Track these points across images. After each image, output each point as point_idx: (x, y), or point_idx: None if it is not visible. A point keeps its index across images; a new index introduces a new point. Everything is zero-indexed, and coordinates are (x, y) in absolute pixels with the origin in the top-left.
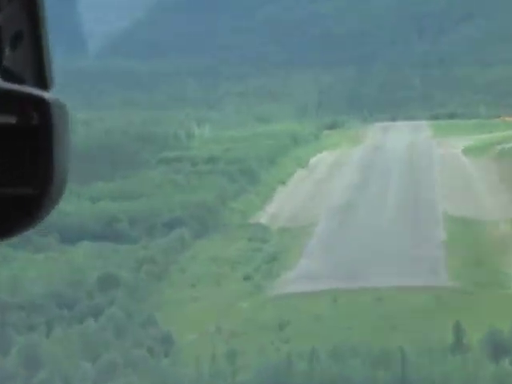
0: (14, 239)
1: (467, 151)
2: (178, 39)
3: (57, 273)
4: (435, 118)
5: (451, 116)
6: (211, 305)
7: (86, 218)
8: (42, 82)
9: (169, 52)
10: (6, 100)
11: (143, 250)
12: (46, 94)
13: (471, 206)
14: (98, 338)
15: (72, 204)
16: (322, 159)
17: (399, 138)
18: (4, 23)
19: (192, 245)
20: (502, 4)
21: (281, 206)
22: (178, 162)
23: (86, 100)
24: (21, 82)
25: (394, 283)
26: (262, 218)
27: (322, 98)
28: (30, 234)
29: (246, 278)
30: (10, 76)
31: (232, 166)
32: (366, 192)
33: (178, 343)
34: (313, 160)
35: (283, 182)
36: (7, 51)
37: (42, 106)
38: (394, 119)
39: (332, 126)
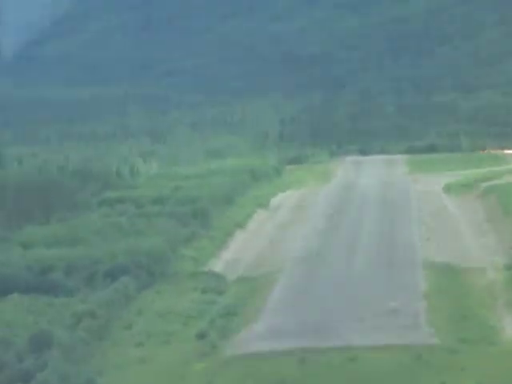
0: None
1: (449, 189)
2: (120, 62)
3: None
4: (412, 151)
5: (430, 149)
6: (160, 367)
7: (17, 267)
8: None
9: (110, 77)
10: None
11: (81, 303)
12: None
13: (455, 250)
14: None
15: (0, 251)
16: (284, 199)
17: (372, 174)
18: None
19: (138, 297)
20: (485, 24)
21: (238, 252)
22: (121, 203)
23: (17, 133)
24: None
25: (369, 341)
26: (217, 266)
27: (283, 129)
28: None
29: (200, 335)
30: None
31: (182, 207)
32: (335, 237)
33: None
34: (274, 200)
35: (241, 226)
36: None
37: None
38: (365, 153)
39: (296, 161)
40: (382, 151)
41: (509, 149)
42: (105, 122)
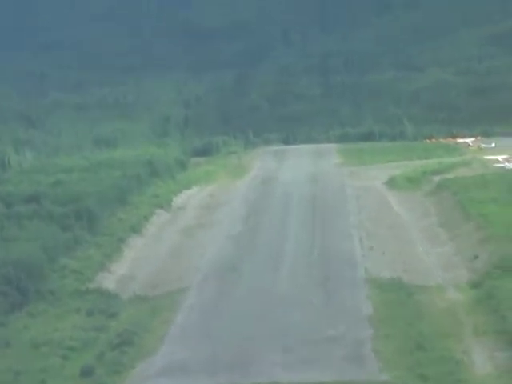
0: None
1: (393, 184)
2: None
3: None
4: (345, 139)
5: (366, 137)
6: None
7: None
8: None
9: None
10: None
11: None
12: None
13: (405, 263)
14: None
15: None
16: (190, 198)
17: (297, 167)
18: None
19: (5, 322)
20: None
21: (134, 264)
22: None
23: None
24: None
25: (300, 378)
26: (108, 281)
27: (188, 113)
28: None
29: (85, 373)
30: None
31: (63, 207)
32: (253, 246)
33: None
34: (177, 199)
35: (136, 230)
36: None
37: None
38: (288, 142)
39: (204, 151)
40: (309, 140)
41: (460, 137)
42: None
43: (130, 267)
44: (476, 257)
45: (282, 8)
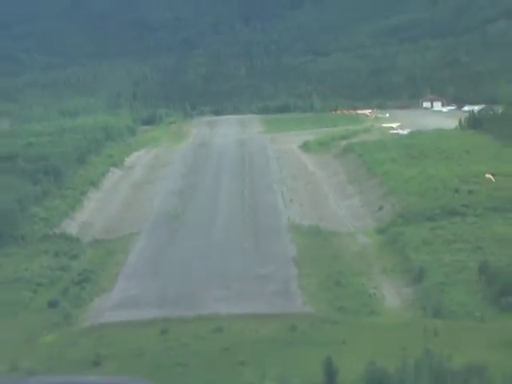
0: None
1: (306, 148)
2: None
3: None
4: (265, 111)
5: (282, 109)
6: (6, 343)
7: None
8: None
9: None
10: None
11: None
12: None
13: (321, 213)
14: None
15: None
16: (139, 158)
17: (227, 133)
18: None
19: None
20: None
21: (93, 212)
22: None
23: None
24: None
25: (237, 310)
26: (71, 227)
27: (136, 90)
28: None
29: (52, 304)
30: None
31: (34, 165)
32: (193, 198)
33: None
34: (129, 159)
35: (95, 185)
36: None
37: None
38: (219, 113)
39: (150, 121)
40: (236, 112)
41: (360, 109)
42: None
43: (90, 215)
44: (381, 207)
45: (212, 4)
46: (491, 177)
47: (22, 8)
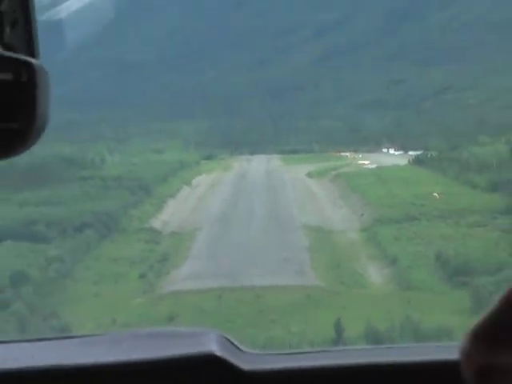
0: None
1: (309, 175)
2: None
3: None
4: (282, 152)
5: (293, 152)
6: (110, 301)
7: (12, 220)
8: (32, 53)
9: (87, 105)
10: (6, 62)
11: (55, 249)
12: (33, 60)
13: (322, 218)
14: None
15: (1, 208)
16: (201, 180)
17: (258, 166)
18: (6, 11)
19: (97, 246)
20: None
21: (170, 215)
22: (92, 179)
23: None
24: (17, 52)
25: (270, 282)
26: (156, 223)
27: (201, 139)
28: None
29: (141, 276)
30: (10, 48)
31: (133, 182)
32: (237, 206)
33: (77, 332)
34: (195, 180)
35: (172, 196)
36: (8, 31)
37: (30, 66)
38: (252, 153)
39: (208, 158)
40: (263, 153)
41: (343, 151)
42: (87, 133)
43: (168, 216)
44: (362, 214)
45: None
46: (437, 195)
47: None
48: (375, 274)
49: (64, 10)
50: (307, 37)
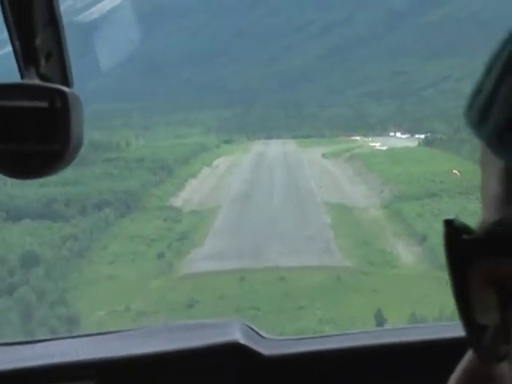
0: None
1: (325, 156)
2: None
3: None
4: (295, 137)
5: (306, 137)
6: (125, 283)
7: (31, 199)
8: (66, 82)
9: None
10: (43, 92)
11: (71, 227)
12: (66, 88)
13: (341, 195)
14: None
15: (22, 188)
16: (222, 162)
17: (275, 149)
18: (40, 44)
19: (115, 224)
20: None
21: (191, 193)
22: (116, 161)
23: None
24: (52, 82)
25: (294, 262)
26: (176, 202)
27: (220, 125)
28: None
29: (159, 255)
30: (45, 79)
31: (155, 164)
32: (257, 185)
33: (86, 321)
34: (215, 162)
35: (193, 176)
36: (43, 63)
37: (63, 95)
38: (269, 138)
39: (228, 142)
40: (278, 137)
41: (354, 135)
42: (118, 121)
43: (189, 195)
44: (382, 191)
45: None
46: (457, 172)
47: None
48: (405, 253)
49: (96, 12)
50: (316, 33)
